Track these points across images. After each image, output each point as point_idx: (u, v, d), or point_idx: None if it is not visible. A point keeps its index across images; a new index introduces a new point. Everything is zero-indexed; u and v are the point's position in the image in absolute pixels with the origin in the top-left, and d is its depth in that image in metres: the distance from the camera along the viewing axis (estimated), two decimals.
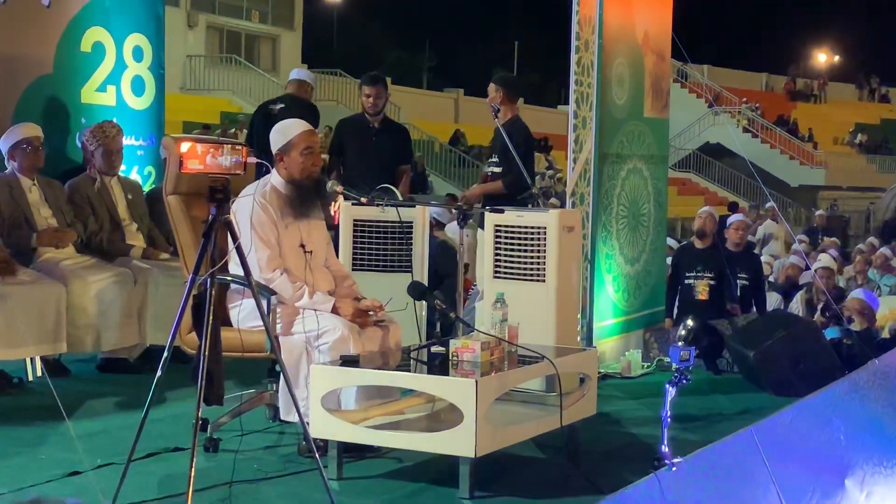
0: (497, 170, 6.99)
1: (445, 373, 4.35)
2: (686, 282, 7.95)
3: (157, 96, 7.42)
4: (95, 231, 6.33)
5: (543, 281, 5.64)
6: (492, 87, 7.03)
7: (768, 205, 18.46)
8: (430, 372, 4.48)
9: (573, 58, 6.98)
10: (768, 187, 29.74)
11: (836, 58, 50.60)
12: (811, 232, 19.52)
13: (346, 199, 5.98)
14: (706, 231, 8.14)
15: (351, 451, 4.47)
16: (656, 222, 7.91)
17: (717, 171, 34.31)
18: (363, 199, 5.58)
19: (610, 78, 7.15)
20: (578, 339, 6.40)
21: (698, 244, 8.13)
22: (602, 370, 6.50)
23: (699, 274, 7.93)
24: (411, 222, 6.06)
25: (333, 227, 6.03)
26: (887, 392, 6.00)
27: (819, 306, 9.09)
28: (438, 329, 4.70)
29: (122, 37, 7.10)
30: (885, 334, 8.75)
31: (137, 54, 7.24)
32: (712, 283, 7.93)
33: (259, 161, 4.42)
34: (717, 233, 8.35)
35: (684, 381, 4.46)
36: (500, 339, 4.60)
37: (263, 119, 7.67)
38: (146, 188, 7.08)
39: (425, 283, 5.70)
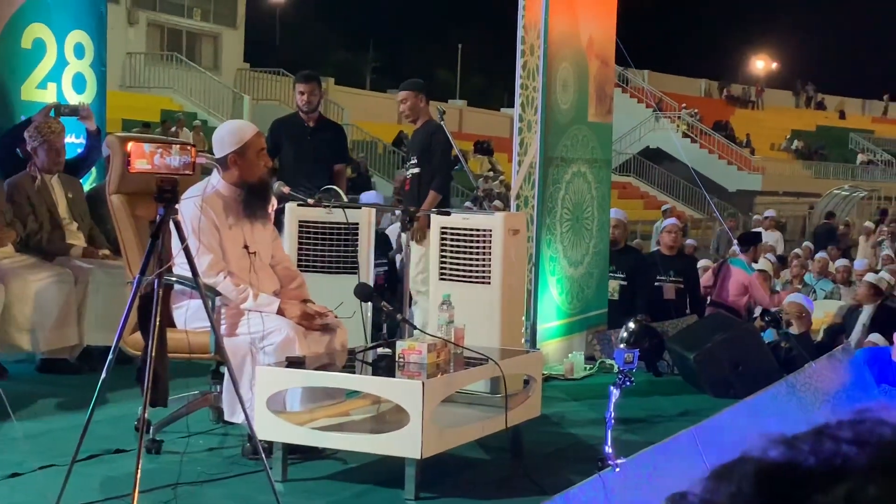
0: (416, 171, 7.04)
1: (391, 374, 4.36)
2: None
3: (99, 94, 7.34)
4: (35, 230, 6.24)
5: (489, 283, 5.68)
6: (409, 94, 7.08)
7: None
8: (376, 373, 4.49)
9: (518, 61, 7.02)
10: (707, 192, 30.17)
11: (774, 65, 51.46)
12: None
13: (290, 200, 5.96)
14: (617, 239, 8.35)
15: (296, 453, 4.46)
16: (599, 226, 7.99)
17: (656, 175, 34.69)
18: (310, 201, 5.57)
19: (555, 82, 7.21)
20: (523, 341, 6.45)
21: (611, 247, 8.36)
22: (546, 372, 6.54)
23: (612, 274, 8.13)
24: (357, 224, 6.06)
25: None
26: (823, 394, 6.12)
27: (757, 310, 9.24)
28: (385, 331, 4.70)
29: (63, 34, 7.01)
30: (821, 337, 8.92)
31: (79, 51, 7.15)
32: (623, 283, 8.16)
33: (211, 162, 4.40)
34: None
35: (628, 383, 4.52)
36: (446, 341, 4.62)
37: None
38: (87, 187, 6.99)
39: (371, 284, 5.70)
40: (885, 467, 0.53)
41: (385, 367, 4.46)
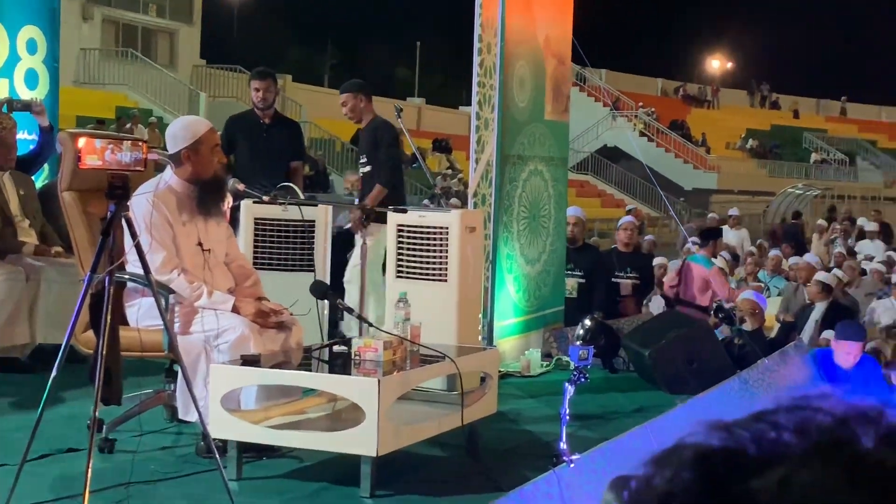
0: (367, 169, 7.06)
1: (347, 372, 4.35)
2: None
3: (51, 90, 7.25)
4: None
5: (445, 281, 5.68)
6: (348, 97, 7.09)
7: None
8: (331, 371, 4.48)
9: (476, 60, 7.03)
10: (663, 190, 30.38)
11: (729, 65, 51.94)
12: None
13: (246, 197, 5.92)
14: (575, 237, 8.39)
15: (251, 451, 4.44)
16: (556, 223, 8.02)
17: (614, 173, 34.89)
18: (265, 198, 5.54)
19: (512, 80, 7.22)
20: (479, 338, 6.46)
21: (569, 245, 8.41)
22: (502, 369, 6.56)
23: (569, 272, 8.20)
24: (313, 221, 6.03)
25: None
26: (775, 390, 6.20)
27: (712, 307, 9.33)
28: (341, 328, 4.69)
29: (15, 29, 6.93)
30: (774, 334, 9.03)
31: (31, 47, 7.06)
32: (581, 281, 8.28)
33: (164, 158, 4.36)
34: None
35: (583, 380, 4.54)
36: (402, 339, 4.62)
37: None
38: (39, 183, 6.90)
39: (327, 281, 5.69)
40: (819, 453, 0.54)
41: (341, 364, 4.45)
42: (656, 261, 12.43)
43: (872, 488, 0.52)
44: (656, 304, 9.98)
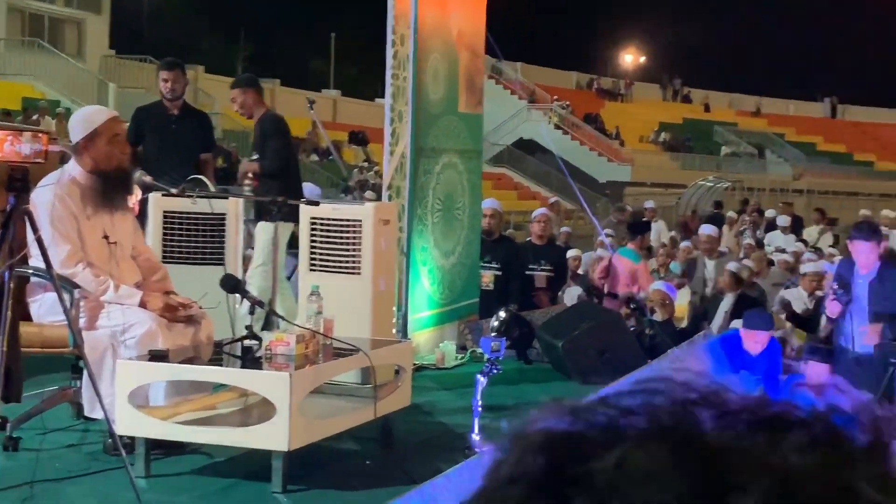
0: (255, 156, 7.05)
1: (258, 367, 4.30)
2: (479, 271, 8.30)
3: None
4: None
5: (359, 274, 5.65)
6: (237, 93, 7.07)
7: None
8: (242, 366, 4.42)
9: (389, 52, 7.01)
10: (578, 183, 30.65)
11: (642, 59, 52.63)
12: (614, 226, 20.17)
13: (154, 190, 5.82)
14: (491, 229, 8.45)
15: (160, 448, 4.36)
16: (471, 216, 8.04)
17: (530, 166, 35.14)
18: (173, 191, 5.45)
19: (425, 73, 7.21)
20: (394, 331, 6.45)
21: (486, 237, 8.46)
22: (417, 362, 6.56)
23: (486, 264, 8.23)
24: (224, 214, 5.95)
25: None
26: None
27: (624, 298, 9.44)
28: (251, 322, 4.63)
29: None
30: (684, 324, 9.17)
31: None
32: (498, 273, 8.30)
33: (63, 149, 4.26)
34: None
35: (495, 371, 4.56)
36: (315, 332, 4.58)
37: None
38: None
39: (238, 275, 5.61)
40: (655, 434, 0.55)
41: (252, 359, 4.40)
42: (570, 253, 12.54)
43: (698, 468, 0.54)
44: (570, 296, 10.07)
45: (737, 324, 8.13)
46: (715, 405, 0.57)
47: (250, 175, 6.59)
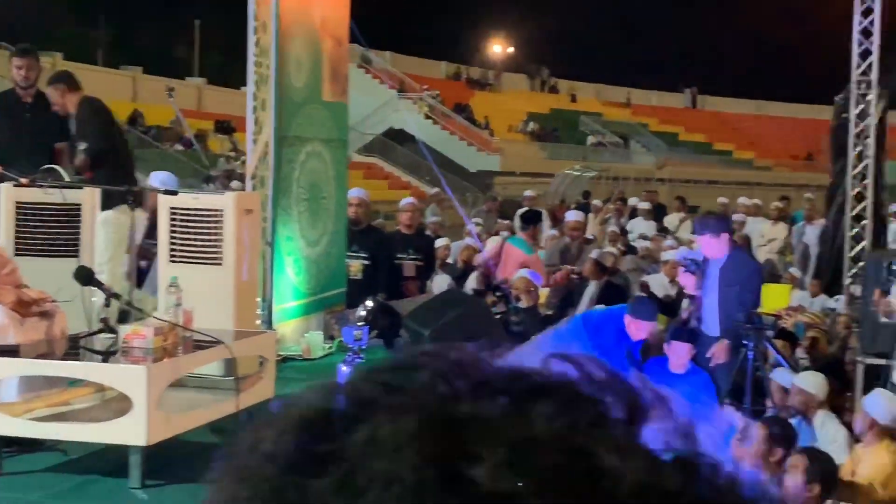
0: (83, 145, 6.86)
1: (114, 360, 4.21)
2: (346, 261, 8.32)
3: None
4: None
5: (221, 264, 5.57)
6: (51, 90, 6.88)
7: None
8: (97, 360, 4.31)
9: (251, 39, 6.93)
10: (449, 173, 30.80)
11: (510, 49, 53.20)
12: (485, 215, 20.38)
13: (5, 179, 5.62)
14: (359, 219, 8.46)
15: (12, 445, 4.22)
16: (337, 205, 8.00)
17: (401, 156, 35.15)
18: (23, 180, 5.27)
19: (288, 61, 7.14)
20: (258, 322, 6.38)
21: (353, 227, 8.47)
22: (283, 353, 6.51)
23: (354, 253, 8.25)
24: (79, 205, 5.78)
25: None
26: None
27: (491, 286, 9.54)
28: (106, 315, 4.53)
29: None
30: (548, 311, 9.32)
31: None
32: (366, 262, 8.35)
33: None
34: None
35: (358, 360, 4.56)
36: (173, 324, 4.50)
37: None
38: None
39: (93, 267, 5.47)
40: (407, 406, 0.57)
41: (108, 352, 4.30)
42: (439, 242, 12.62)
43: (438, 439, 0.55)
44: (439, 285, 10.12)
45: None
46: (470, 376, 0.58)
47: (82, 167, 6.37)
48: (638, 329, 6.73)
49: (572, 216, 11.75)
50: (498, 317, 7.48)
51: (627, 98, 49.14)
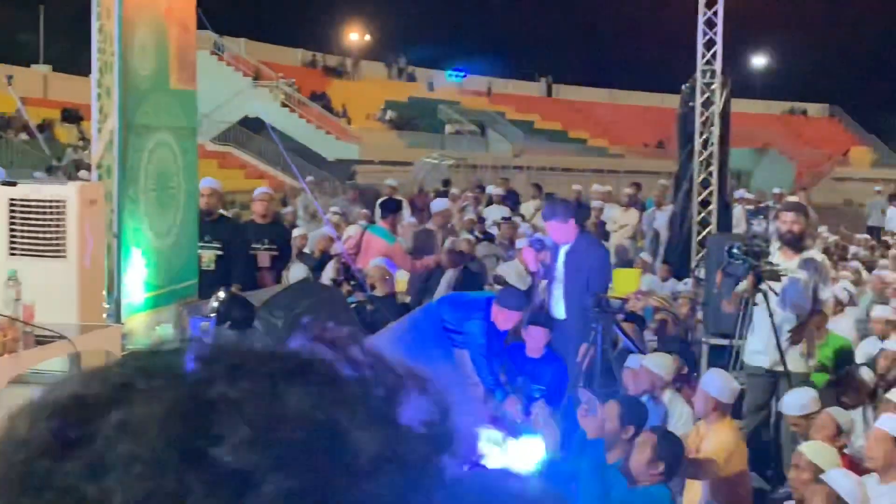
0: None
1: None
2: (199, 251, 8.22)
3: None
4: None
5: (65, 257, 5.40)
6: None
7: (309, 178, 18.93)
8: None
9: (94, 25, 6.73)
10: (307, 161, 30.56)
11: (367, 37, 53.08)
12: (345, 204, 20.32)
13: None
14: (211, 209, 8.41)
15: None
16: (187, 195, 7.84)
17: (258, 144, 34.69)
18: None
19: (133, 47, 6.95)
20: (105, 316, 6.21)
21: (205, 217, 8.37)
22: (132, 347, 6.35)
23: (207, 244, 8.15)
24: None
25: None
26: (401, 351, 6.42)
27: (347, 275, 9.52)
28: None
29: None
30: (408, 299, 9.36)
31: None
32: (219, 253, 8.29)
33: None
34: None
35: None
36: (13, 319, 4.34)
37: None
38: None
39: None
40: (160, 391, 0.59)
41: None
42: (296, 231, 12.53)
43: (185, 421, 0.57)
44: (295, 275, 10.05)
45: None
46: (227, 360, 0.61)
47: None
48: (505, 319, 6.73)
49: (439, 205, 11.90)
50: (354, 305, 7.47)
51: (489, 87, 49.61)
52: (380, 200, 12.57)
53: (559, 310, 7.18)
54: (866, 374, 7.45)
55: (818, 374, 7.66)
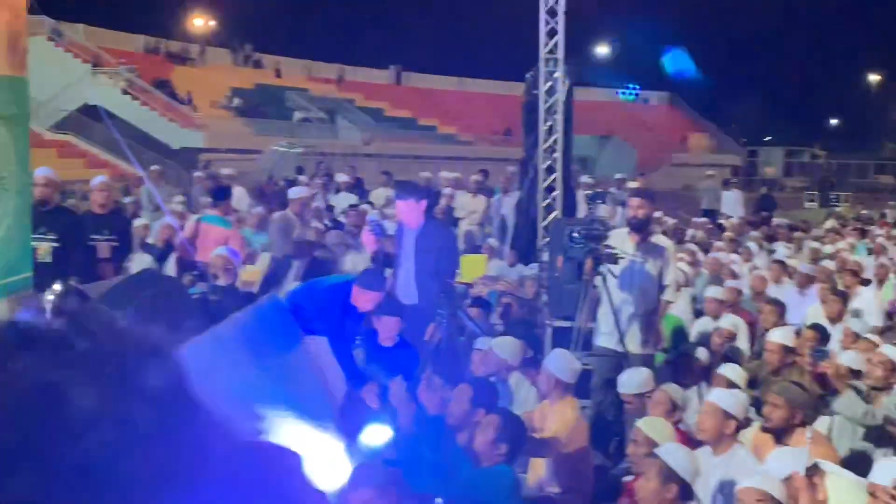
0: None
1: None
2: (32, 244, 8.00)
3: None
4: None
5: None
6: None
7: (154, 167, 18.46)
8: None
9: None
10: (150, 150, 29.80)
11: (212, 23, 52.08)
12: (189, 194, 19.93)
13: None
14: (46, 199, 8.20)
15: None
16: (20, 185, 7.54)
17: (98, 133, 33.65)
18: None
19: None
20: None
21: (40, 208, 8.15)
22: None
23: (42, 235, 7.94)
24: None
25: None
26: (245, 339, 6.34)
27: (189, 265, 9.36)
28: None
29: None
30: (256, 289, 9.26)
31: None
32: (56, 244, 8.09)
33: None
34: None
35: None
36: None
37: None
38: None
39: None
40: None
41: None
42: (138, 222, 12.23)
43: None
44: (138, 265, 9.82)
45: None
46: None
47: None
48: (366, 300, 6.69)
49: (297, 192, 11.93)
50: (196, 296, 7.35)
51: (340, 74, 49.36)
52: (208, 189, 12.58)
53: (407, 294, 7.21)
54: (702, 354, 7.75)
55: (656, 354, 7.93)
